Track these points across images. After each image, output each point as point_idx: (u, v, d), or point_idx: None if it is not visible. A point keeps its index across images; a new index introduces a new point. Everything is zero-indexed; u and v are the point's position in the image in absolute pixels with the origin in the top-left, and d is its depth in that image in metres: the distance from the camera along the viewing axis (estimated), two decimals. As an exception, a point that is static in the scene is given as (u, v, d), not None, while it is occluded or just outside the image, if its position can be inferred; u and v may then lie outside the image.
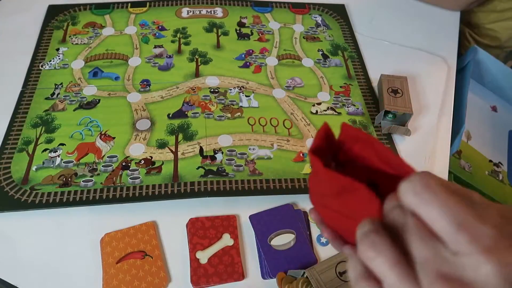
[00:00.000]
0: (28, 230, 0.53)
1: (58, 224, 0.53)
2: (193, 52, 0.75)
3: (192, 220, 0.54)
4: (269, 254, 0.51)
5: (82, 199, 0.54)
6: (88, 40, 0.75)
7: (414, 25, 0.86)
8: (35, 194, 0.54)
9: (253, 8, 0.86)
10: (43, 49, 0.73)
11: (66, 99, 0.65)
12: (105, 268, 0.50)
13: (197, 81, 0.70)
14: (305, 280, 0.46)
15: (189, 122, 0.64)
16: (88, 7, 0.81)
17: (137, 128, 0.63)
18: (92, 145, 0.60)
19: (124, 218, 0.54)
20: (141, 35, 0.77)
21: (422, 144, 0.66)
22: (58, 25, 0.78)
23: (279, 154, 0.61)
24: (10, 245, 0.51)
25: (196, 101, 0.67)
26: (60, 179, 0.56)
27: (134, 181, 0.56)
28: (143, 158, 0.59)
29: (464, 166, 0.80)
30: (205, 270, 0.50)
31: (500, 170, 0.84)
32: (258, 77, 0.72)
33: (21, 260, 0.50)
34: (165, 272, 0.50)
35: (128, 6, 0.83)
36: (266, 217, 0.54)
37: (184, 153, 0.60)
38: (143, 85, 0.69)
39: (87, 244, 0.52)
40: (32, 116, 0.63)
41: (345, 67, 0.76)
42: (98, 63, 0.72)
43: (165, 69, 0.72)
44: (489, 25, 0.93)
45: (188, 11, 0.82)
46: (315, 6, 0.87)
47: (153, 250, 0.51)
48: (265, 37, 0.80)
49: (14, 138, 0.60)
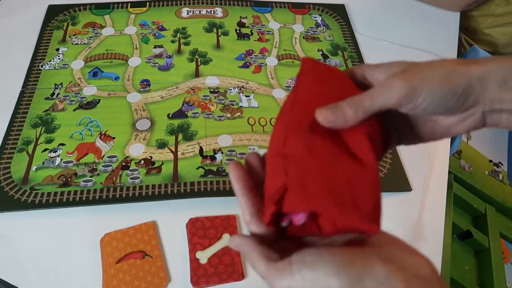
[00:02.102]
0: (28, 230, 0.53)
1: (58, 224, 0.53)
2: (193, 52, 0.75)
3: (192, 220, 0.54)
4: (269, 254, 0.51)
5: (82, 199, 0.54)
6: (88, 40, 0.75)
7: (414, 25, 0.86)
8: (35, 194, 0.54)
9: (253, 8, 0.86)
10: (43, 49, 0.73)
11: (66, 99, 0.65)
12: (105, 268, 0.50)
13: (197, 81, 0.70)
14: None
15: (189, 122, 0.64)
16: (88, 7, 0.81)
17: (137, 128, 0.63)
18: (92, 145, 0.60)
19: (124, 218, 0.54)
20: (141, 35, 0.77)
21: (422, 144, 0.66)
22: (58, 25, 0.78)
23: (279, 154, 0.61)
24: (10, 245, 0.51)
25: (196, 101, 0.67)
26: (60, 179, 0.56)
27: (134, 181, 0.56)
28: (143, 158, 0.59)
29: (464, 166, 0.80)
30: (205, 270, 0.50)
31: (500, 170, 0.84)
32: (258, 77, 0.72)
33: (21, 260, 0.50)
34: (165, 272, 0.50)
35: (128, 6, 0.83)
36: (266, 217, 0.54)
37: (184, 153, 0.60)
38: (143, 85, 0.69)
39: (87, 244, 0.52)
40: (32, 116, 0.63)
41: (345, 67, 0.76)
42: (98, 63, 0.72)
43: (165, 69, 0.72)
44: (486, 30, 0.93)
45: (188, 11, 0.82)
46: (315, 6, 0.87)
47: (153, 250, 0.51)
48: (265, 37, 0.80)
49: (14, 138, 0.60)
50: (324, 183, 0.24)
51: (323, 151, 0.25)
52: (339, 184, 0.24)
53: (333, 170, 0.24)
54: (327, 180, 0.24)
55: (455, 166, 0.80)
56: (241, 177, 0.28)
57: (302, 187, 0.24)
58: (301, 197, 0.24)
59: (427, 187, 0.61)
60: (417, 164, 0.63)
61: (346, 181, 0.24)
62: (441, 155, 0.65)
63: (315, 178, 0.24)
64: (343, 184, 0.24)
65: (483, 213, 0.78)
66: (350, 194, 0.24)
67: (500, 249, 0.74)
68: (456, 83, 0.26)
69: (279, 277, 0.24)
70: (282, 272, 0.24)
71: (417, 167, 0.63)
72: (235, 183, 0.28)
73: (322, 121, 0.25)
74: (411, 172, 0.62)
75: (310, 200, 0.24)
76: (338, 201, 0.23)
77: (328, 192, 0.24)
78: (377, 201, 0.24)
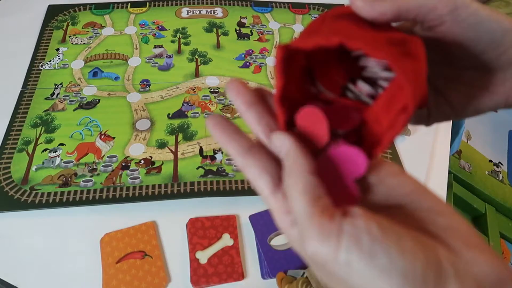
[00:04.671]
0: (28, 230, 0.53)
1: (58, 224, 0.53)
2: (193, 52, 0.75)
3: (192, 220, 0.54)
4: (269, 254, 0.51)
5: (82, 199, 0.54)
6: (88, 40, 0.75)
7: (414, 25, 0.86)
8: (35, 194, 0.54)
9: (253, 8, 0.86)
10: (43, 49, 0.73)
11: (66, 99, 0.65)
12: (105, 268, 0.50)
13: (197, 81, 0.70)
14: (305, 280, 0.46)
15: (189, 122, 0.64)
16: (88, 7, 0.81)
17: (137, 128, 0.63)
18: (92, 145, 0.60)
19: (124, 218, 0.54)
20: (141, 35, 0.77)
21: (422, 144, 0.66)
22: (58, 25, 0.78)
23: (279, 154, 0.61)
24: (10, 245, 0.51)
25: (196, 101, 0.67)
26: (60, 179, 0.56)
27: (134, 181, 0.56)
28: (143, 158, 0.59)
29: (464, 166, 0.80)
30: (205, 270, 0.50)
31: (500, 170, 0.84)
32: (258, 77, 0.72)
33: (21, 260, 0.50)
34: (165, 272, 0.50)
35: (128, 6, 0.83)
36: (266, 217, 0.54)
37: (184, 153, 0.60)
38: (143, 85, 0.69)
39: (87, 244, 0.52)
40: (32, 116, 0.63)
41: (345, 67, 0.76)
42: (98, 63, 0.72)
43: (165, 69, 0.72)
44: None
45: (188, 11, 0.82)
46: (315, 6, 0.87)
47: (153, 250, 0.51)
48: (265, 37, 0.80)
49: (14, 138, 0.60)
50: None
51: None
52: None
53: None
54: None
55: (455, 166, 0.80)
56: (241, 91, 0.23)
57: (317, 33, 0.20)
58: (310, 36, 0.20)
59: (427, 187, 0.61)
60: (417, 164, 0.63)
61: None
62: (441, 155, 0.65)
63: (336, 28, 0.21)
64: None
65: (483, 213, 0.78)
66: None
67: (500, 249, 0.74)
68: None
69: (318, 241, 0.17)
70: (326, 238, 0.17)
71: (417, 167, 0.63)
72: (236, 97, 0.23)
73: (357, 4, 0.22)
74: (411, 172, 0.61)
75: (323, 36, 0.19)
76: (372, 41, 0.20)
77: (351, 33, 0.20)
78: None
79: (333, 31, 0.21)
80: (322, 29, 0.22)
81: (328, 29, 0.21)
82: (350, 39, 0.19)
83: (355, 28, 0.21)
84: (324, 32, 0.21)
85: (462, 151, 0.82)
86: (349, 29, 0.21)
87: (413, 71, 0.19)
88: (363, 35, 0.21)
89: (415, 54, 0.21)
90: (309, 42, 0.20)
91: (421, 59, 0.21)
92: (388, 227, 0.18)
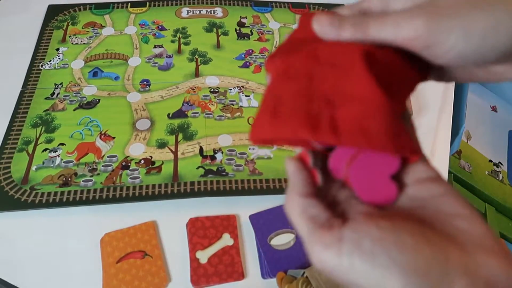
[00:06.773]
0: (28, 230, 0.53)
1: (58, 224, 0.53)
2: (193, 52, 0.75)
3: (192, 220, 0.54)
4: (269, 254, 0.51)
5: (82, 199, 0.54)
6: (88, 40, 0.75)
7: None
8: (35, 194, 0.54)
9: (253, 8, 0.86)
10: (43, 49, 0.73)
11: (66, 99, 0.65)
12: (105, 267, 0.50)
13: (197, 81, 0.70)
14: (305, 280, 0.46)
15: (189, 122, 0.64)
16: (88, 7, 0.81)
17: (137, 128, 0.63)
18: (92, 145, 0.60)
19: (124, 218, 0.54)
20: (141, 35, 0.77)
21: (422, 144, 0.66)
22: (58, 25, 0.78)
23: (279, 153, 0.61)
24: (10, 245, 0.51)
25: (196, 101, 0.67)
26: (60, 179, 0.56)
27: (134, 181, 0.56)
28: (143, 158, 0.59)
29: (464, 166, 0.80)
30: (205, 269, 0.50)
31: (500, 170, 0.84)
32: (258, 77, 0.72)
33: (21, 260, 0.50)
34: (165, 271, 0.50)
35: (128, 6, 0.83)
36: (266, 217, 0.54)
37: (184, 153, 0.60)
38: (143, 85, 0.69)
39: (87, 244, 0.52)
40: (32, 116, 0.63)
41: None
42: (98, 63, 0.72)
43: (165, 69, 0.72)
44: None
45: (188, 11, 0.82)
46: (315, 6, 0.87)
47: (153, 250, 0.51)
48: (265, 37, 0.80)
49: (14, 138, 0.60)
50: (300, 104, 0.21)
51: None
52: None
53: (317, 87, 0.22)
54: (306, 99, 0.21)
55: (455, 166, 0.80)
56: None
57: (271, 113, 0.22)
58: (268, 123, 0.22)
59: (427, 187, 0.61)
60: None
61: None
62: (441, 155, 0.65)
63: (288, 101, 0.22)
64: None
65: (483, 213, 0.78)
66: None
67: (500, 249, 0.74)
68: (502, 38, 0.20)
69: (321, 251, 0.19)
70: (328, 248, 0.19)
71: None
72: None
73: (316, 28, 0.22)
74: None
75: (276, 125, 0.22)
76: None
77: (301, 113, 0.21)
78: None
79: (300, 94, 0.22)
80: (293, 70, 0.23)
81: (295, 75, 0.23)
82: (318, 131, 0.20)
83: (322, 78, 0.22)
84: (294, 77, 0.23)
85: (462, 151, 0.82)
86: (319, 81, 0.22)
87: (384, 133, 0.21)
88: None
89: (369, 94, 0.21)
90: (279, 133, 0.22)
91: (375, 97, 0.21)
92: (387, 228, 0.19)
